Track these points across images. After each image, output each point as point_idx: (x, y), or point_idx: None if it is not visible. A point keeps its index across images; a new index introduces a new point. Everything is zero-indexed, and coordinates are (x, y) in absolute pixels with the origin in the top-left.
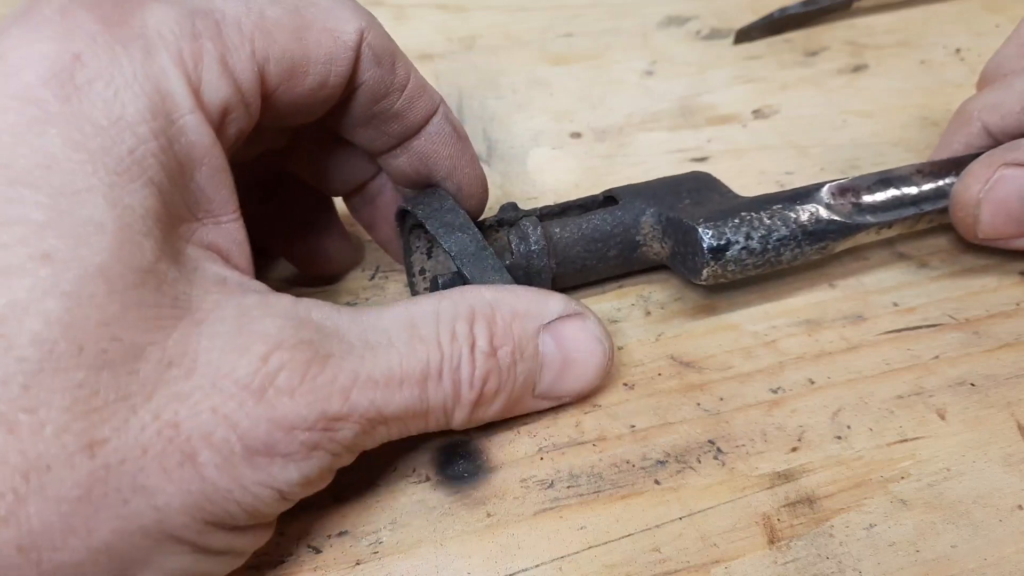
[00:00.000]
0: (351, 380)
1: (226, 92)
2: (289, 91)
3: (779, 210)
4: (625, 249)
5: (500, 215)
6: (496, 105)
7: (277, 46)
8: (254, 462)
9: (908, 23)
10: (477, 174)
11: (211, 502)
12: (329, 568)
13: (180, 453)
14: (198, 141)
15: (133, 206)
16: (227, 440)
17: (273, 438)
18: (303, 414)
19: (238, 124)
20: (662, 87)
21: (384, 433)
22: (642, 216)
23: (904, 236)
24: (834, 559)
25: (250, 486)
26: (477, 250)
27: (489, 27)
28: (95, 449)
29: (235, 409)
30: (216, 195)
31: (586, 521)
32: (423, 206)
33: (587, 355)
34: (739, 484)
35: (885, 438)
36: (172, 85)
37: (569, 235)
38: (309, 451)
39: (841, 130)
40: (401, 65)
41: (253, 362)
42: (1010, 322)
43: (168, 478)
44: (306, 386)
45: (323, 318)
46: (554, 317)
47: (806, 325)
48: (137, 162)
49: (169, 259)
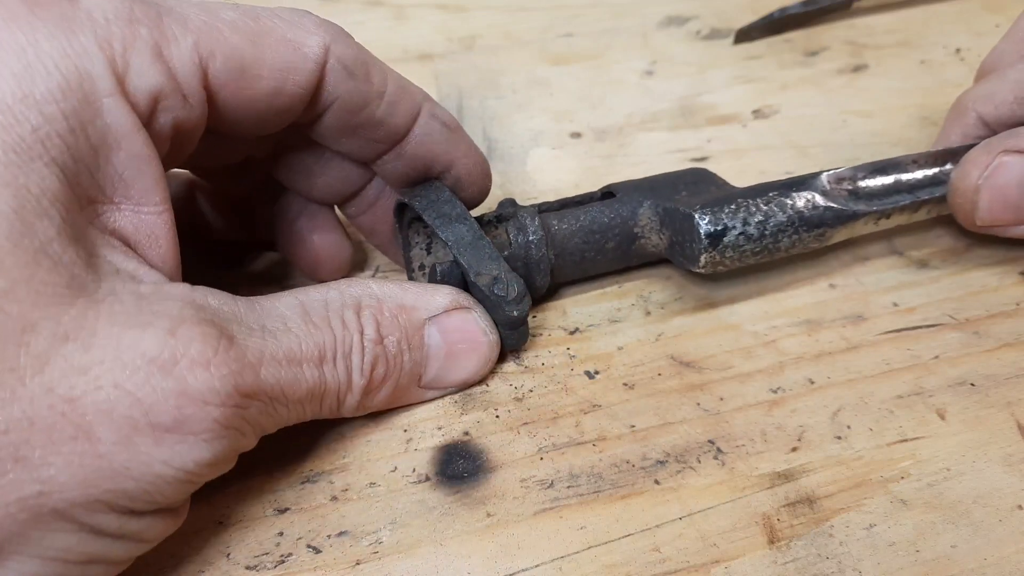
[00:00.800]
0: (258, 357)
1: (156, 80)
2: (239, 92)
3: (776, 196)
4: (623, 241)
5: (499, 211)
6: (496, 105)
7: (226, 45)
8: (160, 439)
9: (908, 23)
10: (476, 161)
11: (105, 479)
12: (329, 568)
13: (74, 427)
14: (115, 125)
15: (29, 186)
16: (129, 416)
17: (184, 413)
18: (217, 387)
19: (172, 114)
20: (662, 87)
21: (284, 415)
22: (639, 208)
23: (904, 235)
24: (834, 559)
25: (154, 465)
26: (474, 239)
27: (489, 27)
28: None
29: (141, 383)
30: (136, 182)
31: (586, 521)
32: (420, 198)
33: (472, 347)
34: (739, 484)
35: (885, 438)
36: (92, 66)
37: (567, 227)
38: (221, 428)
39: (841, 130)
40: (376, 73)
41: (160, 335)
42: (1010, 322)
43: (56, 451)
44: (219, 358)
45: (220, 304)
46: (440, 310)
47: (806, 325)
48: (40, 141)
49: (67, 241)
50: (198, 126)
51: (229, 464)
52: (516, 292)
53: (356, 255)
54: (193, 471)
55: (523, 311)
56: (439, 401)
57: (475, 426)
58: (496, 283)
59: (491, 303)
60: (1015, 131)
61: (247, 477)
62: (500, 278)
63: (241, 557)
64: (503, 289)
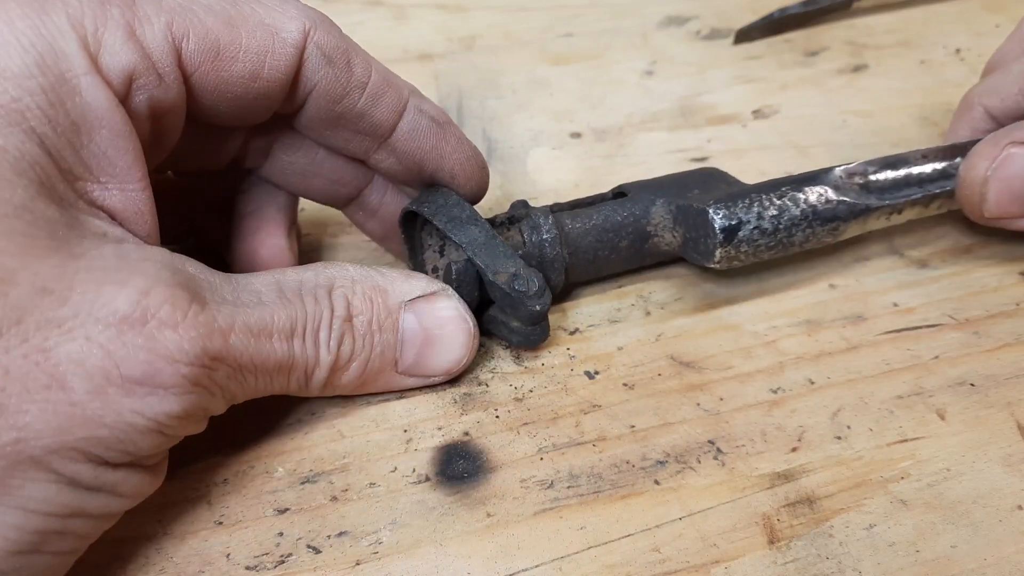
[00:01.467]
0: (228, 324)
1: (130, 58)
2: (214, 74)
3: (789, 191)
4: (637, 240)
5: (511, 212)
6: (496, 105)
7: (201, 26)
8: (131, 390)
9: (908, 23)
10: (467, 156)
11: (79, 427)
12: (329, 568)
13: (47, 376)
14: (94, 103)
15: (6, 148)
16: (102, 367)
17: (154, 368)
18: (186, 348)
19: (148, 92)
20: (662, 87)
21: (252, 384)
22: (652, 206)
23: (904, 235)
24: (834, 559)
25: (125, 414)
26: (487, 240)
27: (489, 27)
28: None
29: (112, 338)
30: (119, 160)
31: (586, 521)
32: (428, 204)
33: (450, 332)
34: (739, 484)
35: (885, 438)
36: (66, 45)
37: (581, 225)
38: (190, 385)
39: (841, 130)
40: (359, 63)
41: (133, 295)
42: (1010, 322)
43: (31, 399)
44: (188, 322)
45: (197, 271)
46: (416, 295)
47: (806, 325)
48: (19, 111)
49: (48, 202)
50: (176, 107)
51: (198, 423)
52: (537, 286)
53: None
54: (163, 422)
55: (545, 305)
56: (439, 401)
57: (475, 426)
58: (516, 279)
59: (512, 300)
60: (1022, 123)
61: (247, 477)
62: (519, 274)
63: (241, 557)
64: (523, 284)
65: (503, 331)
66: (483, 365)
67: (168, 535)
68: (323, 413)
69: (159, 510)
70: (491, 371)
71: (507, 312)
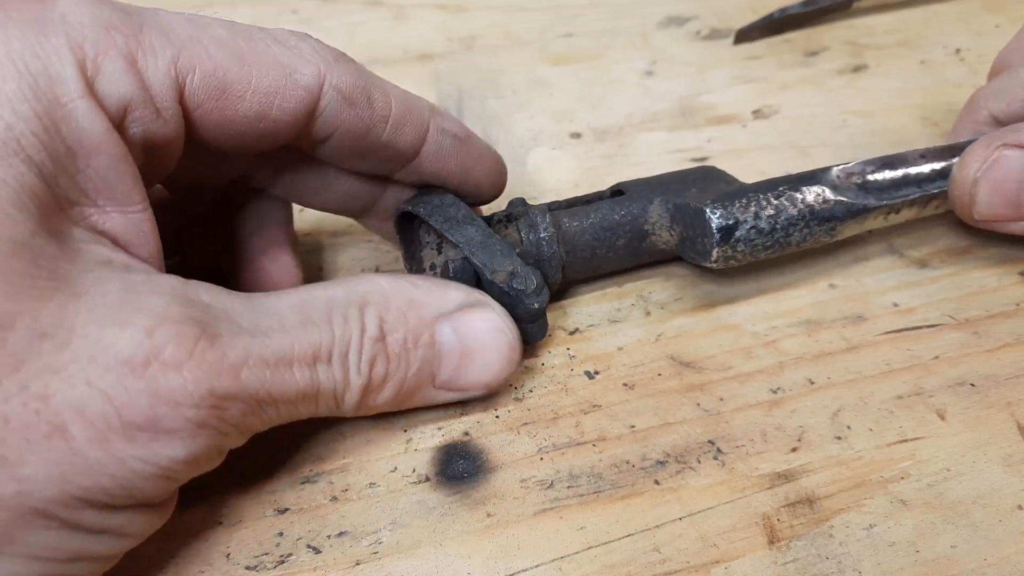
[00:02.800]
0: (241, 359)
1: (127, 89)
2: (218, 112)
3: (786, 191)
4: (634, 238)
5: (508, 210)
6: (496, 105)
7: (209, 62)
8: (133, 436)
9: (908, 23)
10: (491, 163)
11: (81, 476)
12: (329, 568)
13: (48, 425)
14: (90, 128)
15: (6, 180)
16: (103, 414)
17: (157, 413)
18: (190, 390)
19: (143, 126)
20: (662, 87)
21: (274, 415)
22: (650, 205)
23: (904, 236)
24: (834, 559)
25: (128, 461)
26: (484, 238)
27: (489, 27)
28: None
29: (113, 383)
30: (118, 185)
31: (586, 521)
32: (424, 204)
33: (489, 346)
34: (739, 484)
35: (885, 438)
36: (62, 69)
37: (578, 224)
38: (196, 428)
39: (841, 130)
40: (379, 96)
41: (136, 336)
42: (1010, 322)
43: (32, 449)
44: (194, 361)
45: (212, 300)
46: (454, 307)
47: (806, 325)
48: (14, 138)
49: (48, 236)
50: (173, 141)
51: (212, 462)
52: (535, 284)
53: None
54: (169, 467)
55: (543, 303)
56: None
57: (475, 426)
58: (514, 278)
59: (510, 299)
60: (1016, 126)
61: (247, 477)
62: (516, 272)
63: (241, 557)
64: (521, 283)
65: None
66: None
67: (168, 535)
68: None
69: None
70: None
71: (506, 310)
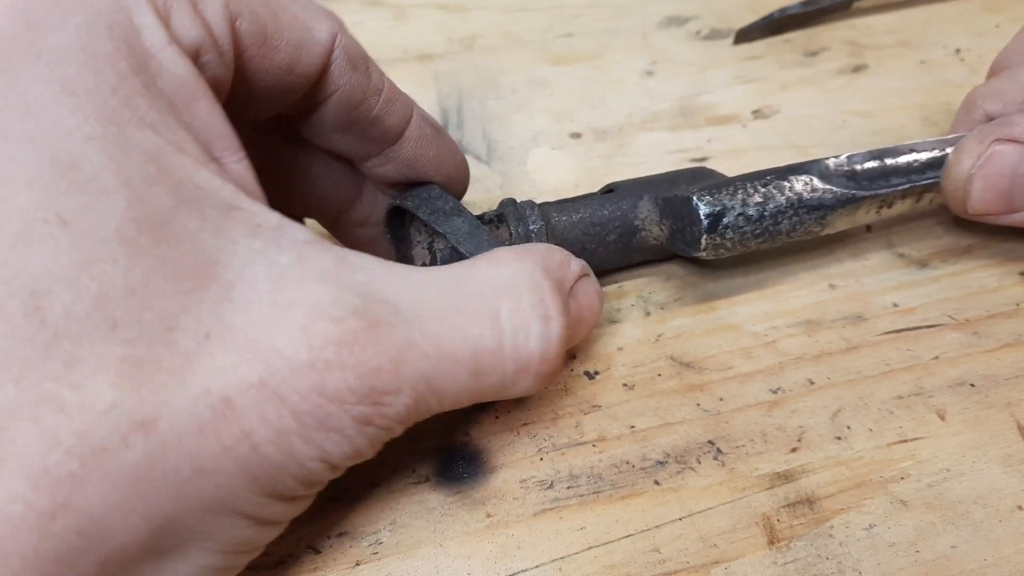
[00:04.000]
0: (401, 351)
1: (197, 33)
2: (260, 60)
3: (774, 179)
4: (624, 234)
5: (499, 209)
6: (496, 105)
7: (250, 8)
8: (308, 437)
9: (908, 23)
10: (461, 159)
11: (269, 477)
12: (329, 568)
13: (237, 430)
14: (183, 75)
15: (133, 151)
16: (280, 416)
17: (325, 412)
18: (353, 386)
19: (212, 71)
20: (662, 87)
21: (435, 405)
22: (639, 200)
23: (904, 235)
24: (834, 559)
25: (305, 461)
26: (471, 229)
27: (489, 27)
28: (149, 428)
29: (282, 384)
30: (223, 129)
31: (586, 522)
32: (412, 198)
33: (592, 313)
34: (739, 484)
35: (885, 438)
36: (142, 18)
37: (567, 219)
38: (361, 425)
39: (841, 130)
40: (375, 70)
41: (295, 333)
42: (1010, 322)
43: (227, 455)
44: (355, 358)
45: (368, 281)
46: (575, 278)
47: (806, 325)
48: (125, 102)
49: (186, 208)
50: (225, 90)
51: (375, 451)
52: None
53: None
54: (339, 463)
55: None
56: None
57: (475, 426)
58: None
59: None
60: (1008, 119)
61: None
62: None
63: None
64: None
65: None
66: None
67: None
68: None
69: None
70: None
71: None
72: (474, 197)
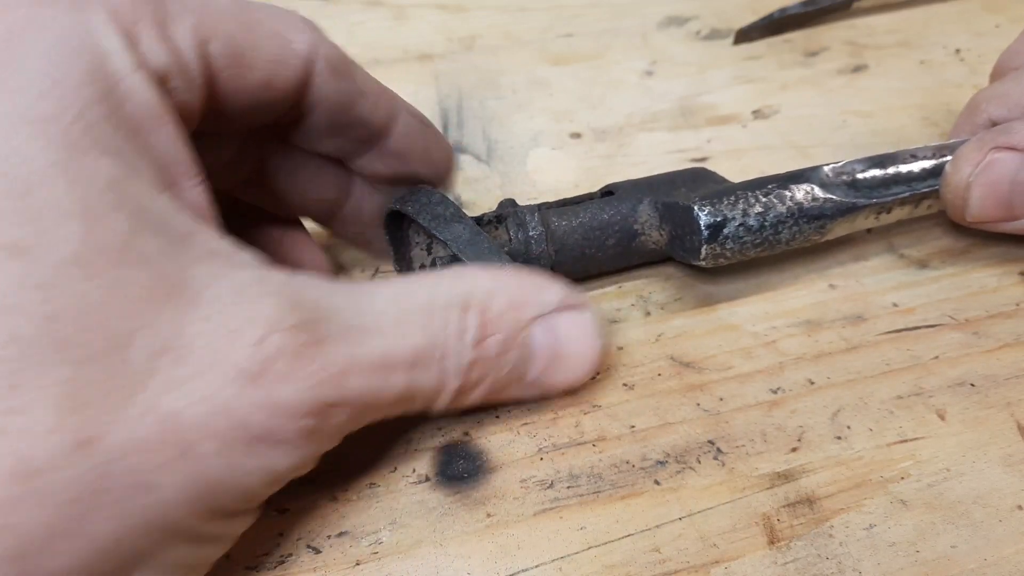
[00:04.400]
0: (346, 366)
1: (165, 58)
2: (234, 80)
3: (775, 188)
4: (624, 238)
5: (499, 210)
6: (496, 105)
7: (222, 29)
8: (254, 449)
9: (908, 23)
10: (447, 148)
11: (212, 492)
12: (329, 568)
13: (182, 444)
14: (150, 101)
15: (93, 179)
16: (227, 428)
17: (273, 424)
18: (302, 399)
19: (180, 96)
20: (662, 87)
21: (370, 417)
22: (639, 205)
23: (904, 236)
24: (834, 559)
25: (250, 474)
26: (472, 236)
27: (489, 27)
28: (91, 446)
29: (234, 396)
30: (184, 155)
31: (586, 521)
32: (412, 203)
33: (580, 350)
34: (739, 484)
35: (885, 438)
36: (109, 43)
37: (567, 223)
38: (305, 437)
39: (841, 130)
40: (359, 72)
41: (249, 346)
42: (1010, 322)
43: (171, 471)
44: (303, 371)
45: (319, 298)
46: (551, 308)
47: (806, 325)
48: (87, 129)
49: (148, 231)
50: (193, 117)
51: (312, 465)
52: None
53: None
54: (280, 474)
55: None
56: None
57: (475, 426)
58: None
59: None
60: (1007, 126)
61: None
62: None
63: (241, 557)
64: None
65: None
66: None
67: None
68: None
69: None
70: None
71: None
72: (474, 197)
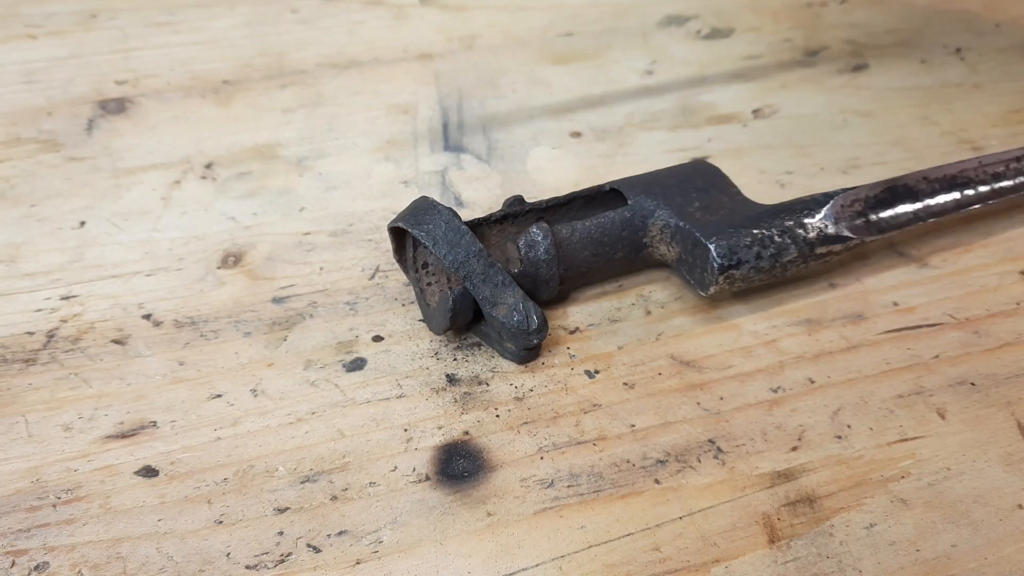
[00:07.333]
0: None
1: None
2: None
3: (790, 228)
4: (631, 251)
5: (505, 209)
6: (496, 105)
7: None
8: None
9: (908, 23)
10: None
11: None
12: (329, 568)
13: None
14: None
15: None
16: None
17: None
18: None
19: None
20: (662, 86)
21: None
22: (651, 219)
23: (905, 235)
24: (834, 558)
25: None
26: (485, 268)
27: (489, 27)
28: None
29: None
30: None
31: (586, 520)
32: (422, 227)
33: None
34: (739, 483)
35: (885, 437)
36: None
37: (578, 239)
38: None
39: (841, 130)
40: None
41: None
42: (1010, 321)
43: None
44: None
45: None
46: None
47: (806, 325)
48: None
49: None
50: None
51: None
52: (536, 323)
53: (361, 258)
54: None
55: (542, 338)
56: (439, 400)
57: (475, 426)
58: (514, 314)
59: (509, 332)
60: None
61: (247, 476)
62: (518, 308)
63: (241, 557)
64: (523, 320)
65: (495, 345)
66: (483, 364)
67: (168, 534)
68: (323, 413)
69: (159, 509)
70: (491, 370)
71: (502, 335)
72: (474, 196)
